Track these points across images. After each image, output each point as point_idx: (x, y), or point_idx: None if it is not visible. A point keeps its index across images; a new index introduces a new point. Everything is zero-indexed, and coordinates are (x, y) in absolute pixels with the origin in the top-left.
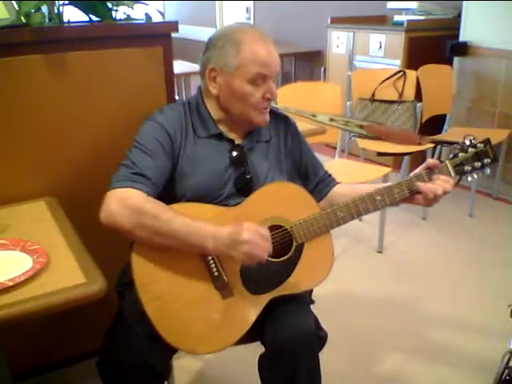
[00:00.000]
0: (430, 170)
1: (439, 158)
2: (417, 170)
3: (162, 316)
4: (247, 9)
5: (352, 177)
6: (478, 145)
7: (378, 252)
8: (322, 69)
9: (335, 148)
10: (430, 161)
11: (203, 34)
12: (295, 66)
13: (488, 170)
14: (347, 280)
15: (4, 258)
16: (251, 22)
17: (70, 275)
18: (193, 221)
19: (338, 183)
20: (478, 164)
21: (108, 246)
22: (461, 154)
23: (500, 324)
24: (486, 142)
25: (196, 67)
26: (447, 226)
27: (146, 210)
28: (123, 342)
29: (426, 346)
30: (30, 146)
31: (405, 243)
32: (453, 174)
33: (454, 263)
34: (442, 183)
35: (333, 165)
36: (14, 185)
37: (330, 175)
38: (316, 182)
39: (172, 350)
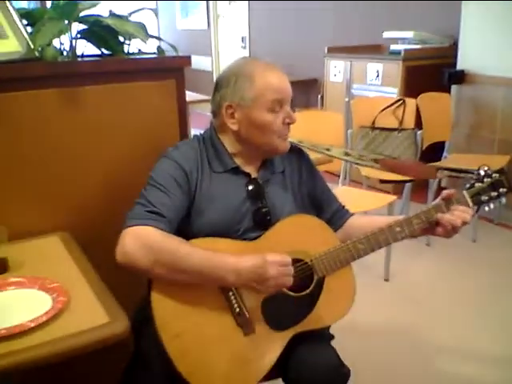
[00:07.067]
0: (448, 200)
1: (439, 184)
2: (435, 201)
3: (184, 354)
4: (242, 38)
5: (359, 205)
6: (494, 174)
7: (385, 280)
8: (319, 96)
9: (336, 175)
10: (446, 191)
11: (200, 62)
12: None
13: (504, 200)
14: (356, 312)
15: (22, 297)
16: (247, 50)
17: (91, 314)
18: (213, 253)
19: (352, 215)
20: (494, 194)
21: (122, 281)
22: (477, 184)
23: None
24: (501, 171)
25: (195, 96)
26: (451, 251)
27: (163, 247)
28: (143, 382)
29: (442, 378)
30: (42, 180)
31: (411, 270)
32: (471, 204)
33: (463, 290)
34: (460, 213)
35: (338, 193)
36: (27, 219)
37: (343, 207)
38: (330, 215)
39: None
